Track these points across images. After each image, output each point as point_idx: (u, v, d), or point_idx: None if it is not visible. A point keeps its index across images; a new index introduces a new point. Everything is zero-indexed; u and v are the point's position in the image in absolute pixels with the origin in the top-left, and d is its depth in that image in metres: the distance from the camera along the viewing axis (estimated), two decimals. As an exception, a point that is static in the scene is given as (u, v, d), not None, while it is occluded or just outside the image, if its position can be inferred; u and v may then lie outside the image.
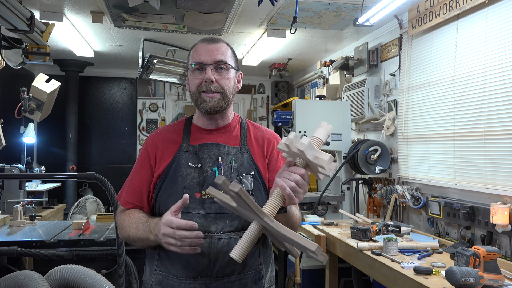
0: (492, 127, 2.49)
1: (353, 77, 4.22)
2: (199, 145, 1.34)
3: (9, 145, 4.02)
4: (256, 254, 1.33)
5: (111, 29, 3.95)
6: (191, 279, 1.24)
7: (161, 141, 1.37)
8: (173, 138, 1.37)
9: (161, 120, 6.25)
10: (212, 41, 1.34)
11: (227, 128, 1.39)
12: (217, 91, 1.30)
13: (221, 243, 1.25)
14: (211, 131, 1.38)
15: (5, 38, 2.82)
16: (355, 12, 3.34)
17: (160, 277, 1.28)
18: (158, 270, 1.29)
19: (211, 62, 1.30)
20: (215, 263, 1.24)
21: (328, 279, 3.03)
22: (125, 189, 1.37)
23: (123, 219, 1.33)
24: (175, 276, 1.26)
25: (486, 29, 2.55)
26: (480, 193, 2.56)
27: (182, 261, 1.25)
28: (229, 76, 1.33)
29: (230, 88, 1.33)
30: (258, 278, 1.32)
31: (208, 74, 1.29)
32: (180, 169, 1.30)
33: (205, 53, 1.31)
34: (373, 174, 3.51)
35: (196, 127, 1.39)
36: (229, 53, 1.35)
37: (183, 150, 1.33)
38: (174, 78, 4.70)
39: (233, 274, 1.27)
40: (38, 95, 3.52)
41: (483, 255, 1.76)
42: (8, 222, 2.98)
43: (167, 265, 1.28)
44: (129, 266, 2.37)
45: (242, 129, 1.41)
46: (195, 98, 1.33)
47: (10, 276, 1.80)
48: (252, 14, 3.49)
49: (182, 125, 1.41)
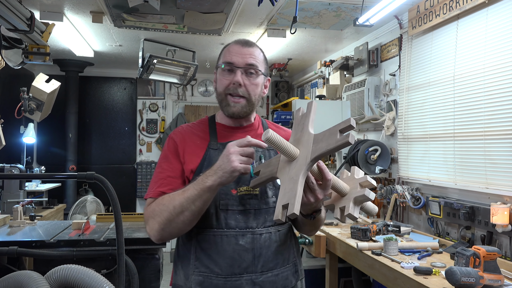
0: (492, 127, 2.49)
1: (353, 77, 4.22)
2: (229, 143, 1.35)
3: (9, 145, 4.02)
4: (291, 247, 1.37)
5: (111, 29, 3.95)
6: (237, 276, 1.24)
7: (188, 137, 1.37)
8: (199, 135, 1.38)
9: (161, 120, 6.25)
10: (246, 44, 1.35)
11: (252, 127, 1.43)
12: (243, 95, 1.32)
13: (263, 237, 1.28)
14: (237, 129, 1.40)
15: (5, 38, 2.81)
16: (355, 12, 3.34)
17: (201, 278, 1.25)
18: (197, 271, 1.26)
19: (242, 65, 1.31)
20: (259, 258, 1.26)
21: (328, 279, 3.03)
22: (157, 183, 1.30)
23: (159, 201, 1.24)
24: (219, 275, 1.24)
25: (486, 29, 2.55)
26: (480, 193, 2.56)
27: (226, 259, 1.24)
28: (257, 81, 1.34)
29: (256, 94, 1.35)
30: (295, 270, 1.36)
31: (237, 77, 1.30)
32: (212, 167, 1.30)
33: (238, 55, 1.32)
34: (373, 174, 3.51)
35: (221, 125, 1.41)
36: (261, 58, 1.36)
37: (212, 147, 1.34)
38: (174, 78, 4.69)
39: (276, 268, 1.29)
40: (38, 95, 3.51)
41: (483, 255, 1.76)
42: (8, 222, 2.98)
43: (207, 264, 1.25)
44: (129, 266, 2.37)
45: (264, 128, 1.45)
46: (221, 99, 1.34)
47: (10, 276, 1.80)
48: (252, 14, 3.49)
49: (206, 124, 1.42)
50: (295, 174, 1.08)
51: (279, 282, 1.29)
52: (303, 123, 1.15)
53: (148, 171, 6.13)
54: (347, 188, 1.14)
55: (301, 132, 1.14)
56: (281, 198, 1.08)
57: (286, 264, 1.33)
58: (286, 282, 1.31)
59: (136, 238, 2.50)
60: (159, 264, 2.57)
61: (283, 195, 1.08)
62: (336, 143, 1.01)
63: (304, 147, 1.10)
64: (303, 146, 1.10)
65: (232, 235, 1.26)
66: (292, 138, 1.17)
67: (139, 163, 6.14)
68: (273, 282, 1.27)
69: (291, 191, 1.06)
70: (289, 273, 1.33)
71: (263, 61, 1.38)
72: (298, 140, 1.14)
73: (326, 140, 1.04)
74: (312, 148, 1.06)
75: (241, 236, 1.26)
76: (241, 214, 1.27)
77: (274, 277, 1.28)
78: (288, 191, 1.07)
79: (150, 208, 1.26)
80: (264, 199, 1.31)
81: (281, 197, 1.09)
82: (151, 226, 1.24)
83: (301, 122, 1.16)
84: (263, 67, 1.37)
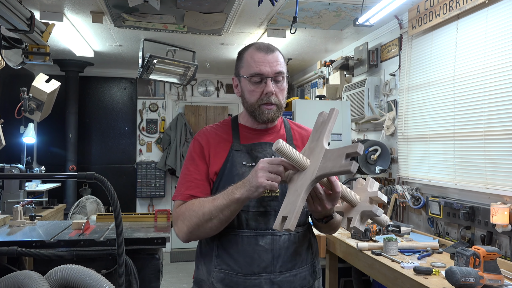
0: (492, 127, 2.49)
1: (353, 77, 4.22)
2: (252, 145, 1.38)
3: (9, 145, 4.02)
4: (309, 248, 1.40)
5: (111, 29, 3.95)
6: (256, 275, 1.28)
7: (212, 138, 1.40)
8: (223, 137, 1.40)
9: (161, 120, 6.25)
10: (269, 51, 1.36)
11: (274, 129, 1.45)
12: (274, 103, 1.34)
13: (283, 239, 1.31)
14: (260, 131, 1.43)
15: (5, 38, 2.81)
16: (355, 12, 3.34)
17: (222, 275, 1.30)
18: (219, 268, 1.30)
19: (272, 75, 1.33)
20: (278, 259, 1.30)
21: (328, 279, 3.03)
22: (184, 186, 1.35)
23: (189, 206, 1.28)
24: (239, 273, 1.28)
25: (486, 29, 2.55)
26: (480, 193, 2.56)
27: (246, 258, 1.28)
28: (284, 86, 1.38)
29: (284, 98, 1.39)
30: (313, 270, 1.39)
31: (269, 88, 1.32)
32: (235, 168, 1.33)
33: (265, 64, 1.33)
34: (373, 174, 3.51)
35: (244, 127, 1.43)
36: (283, 61, 1.39)
37: (235, 149, 1.37)
38: (174, 78, 4.69)
39: (294, 268, 1.33)
40: (38, 95, 3.51)
41: (483, 255, 1.76)
42: (8, 222, 2.98)
43: (228, 262, 1.30)
44: (129, 266, 2.37)
45: (286, 128, 1.48)
46: (253, 109, 1.36)
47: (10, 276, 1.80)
48: (252, 14, 3.49)
49: (229, 125, 1.44)
50: (300, 186, 1.09)
51: (297, 282, 1.32)
52: (321, 131, 1.16)
53: (148, 171, 6.13)
54: (357, 199, 1.14)
55: (317, 141, 1.15)
56: (283, 208, 1.10)
57: (304, 264, 1.36)
58: (304, 282, 1.35)
59: (136, 238, 2.50)
60: (159, 264, 2.56)
61: (285, 206, 1.10)
62: (339, 168, 1.03)
63: (314, 160, 1.11)
64: (314, 158, 1.11)
65: (253, 236, 1.30)
66: (308, 145, 1.18)
67: (139, 163, 6.14)
68: (291, 282, 1.31)
69: (292, 205, 1.07)
70: (307, 273, 1.36)
71: (285, 64, 1.40)
72: (312, 149, 1.14)
73: (333, 161, 1.05)
74: (320, 164, 1.07)
75: (261, 237, 1.29)
76: (262, 215, 1.30)
77: (292, 277, 1.31)
78: (290, 203, 1.08)
79: (180, 211, 1.31)
80: None
81: (283, 207, 1.10)
82: (180, 228, 1.30)
83: (320, 129, 1.17)
84: (285, 69, 1.40)
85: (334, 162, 1.04)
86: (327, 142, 1.13)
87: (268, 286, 1.28)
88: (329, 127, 1.14)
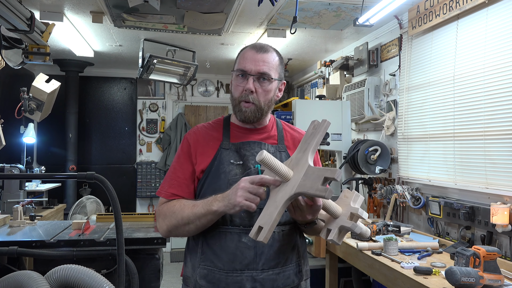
0: (492, 127, 2.49)
1: (353, 77, 4.22)
2: (240, 143, 1.38)
3: (9, 145, 4.02)
4: (295, 247, 1.39)
5: (111, 29, 3.95)
6: (238, 272, 1.28)
7: (202, 137, 1.41)
8: (213, 135, 1.42)
9: (161, 120, 6.25)
10: (261, 50, 1.36)
11: (265, 129, 1.45)
12: (253, 102, 1.34)
13: None
14: (250, 130, 1.43)
15: (5, 38, 2.81)
16: (355, 12, 3.34)
17: (205, 271, 1.31)
18: (203, 264, 1.32)
19: (254, 73, 1.33)
20: (260, 256, 1.29)
21: (328, 279, 3.03)
22: (167, 183, 1.39)
23: (172, 206, 1.34)
24: (221, 269, 1.29)
25: (486, 29, 2.55)
26: (480, 193, 2.56)
27: (228, 255, 1.29)
28: (269, 88, 1.36)
29: (267, 100, 1.37)
30: (298, 270, 1.38)
31: (248, 85, 1.33)
32: (222, 166, 1.34)
33: (251, 62, 1.34)
34: (373, 174, 3.51)
35: (235, 125, 1.44)
36: (275, 63, 1.37)
37: (224, 147, 1.38)
38: (174, 78, 4.70)
39: (277, 267, 1.32)
40: (38, 95, 3.51)
41: (483, 255, 1.76)
42: (8, 222, 2.98)
43: (212, 259, 1.31)
44: (129, 266, 2.37)
45: (278, 129, 1.47)
46: (234, 104, 1.38)
47: (10, 276, 1.80)
48: (252, 14, 3.49)
49: (221, 123, 1.46)
50: (279, 199, 1.09)
51: (280, 280, 1.31)
52: (308, 143, 1.15)
53: (148, 171, 6.13)
54: (339, 212, 1.15)
55: (303, 153, 1.14)
56: (261, 217, 1.11)
57: (289, 263, 1.35)
58: (288, 281, 1.34)
59: (136, 238, 2.50)
60: (159, 264, 2.57)
61: (263, 215, 1.11)
62: (315, 191, 1.03)
63: (296, 174, 1.11)
64: (297, 172, 1.11)
65: (236, 232, 1.30)
66: (295, 154, 1.18)
67: (139, 163, 6.14)
68: (274, 280, 1.30)
69: (269, 216, 1.08)
70: (291, 273, 1.35)
71: (278, 66, 1.39)
72: (297, 161, 1.14)
73: (312, 181, 1.05)
74: (301, 181, 1.07)
75: (245, 234, 1.29)
76: (246, 212, 1.29)
77: (275, 276, 1.31)
78: (268, 214, 1.09)
79: (162, 209, 1.37)
80: None
81: (261, 216, 1.11)
82: (160, 225, 1.37)
83: (308, 141, 1.17)
84: (277, 72, 1.38)
85: (312, 182, 1.05)
86: (312, 157, 1.13)
87: (250, 284, 1.28)
88: (317, 140, 1.14)
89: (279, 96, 1.44)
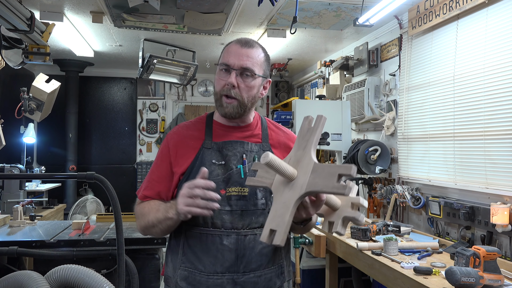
0: (492, 127, 2.49)
1: (353, 77, 4.22)
2: (222, 143, 1.34)
3: (9, 145, 4.02)
4: (278, 249, 1.36)
5: (111, 29, 3.95)
6: (219, 275, 1.26)
7: (183, 138, 1.37)
8: (195, 135, 1.37)
9: (161, 120, 6.25)
10: (246, 45, 1.32)
11: (249, 127, 1.40)
12: (235, 97, 1.30)
13: (248, 239, 1.28)
14: (233, 128, 1.39)
15: (5, 38, 2.82)
16: (355, 12, 3.34)
17: (186, 273, 1.29)
18: (183, 266, 1.30)
19: (237, 68, 1.29)
20: (242, 259, 1.27)
21: (328, 279, 3.03)
22: (144, 185, 1.40)
23: (142, 208, 1.36)
24: (202, 272, 1.27)
25: (486, 29, 2.55)
26: (480, 193, 2.56)
27: (209, 257, 1.27)
28: (252, 84, 1.31)
29: (250, 96, 1.32)
30: (281, 272, 1.36)
31: (231, 79, 1.28)
32: (204, 166, 1.28)
33: (235, 56, 1.30)
34: (373, 174, 3.51)
35: (218, 124, 1.40)
36: (259, 60, 1.33)
37: (206, 147, 1.34)
38: (174, 78, 4.70)
39: (259, 269, 1.29)
40: (38, 95, 3.51)
41: (483, 255, 1.76)
42: (8, 222, 2.98)
43: (193, 261, 1.29)
44: (129, 266, 2.37)
45: (262, 127, 1.43)
46: (216, 98, 1.34)
47: (10, 276, 1.80)
48: (252, 14, 3.49)
49: (204, 122, 1.41)
50: (288, 199, 1.07)
51: (261, 283, 1.29)
52: (307, 139, 1.12)
53: (148, 171, 6.13)
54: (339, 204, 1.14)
55: (303, 151, 1.11)
56: (271, 220, 1.08)
57: (270, 265, 1.32)
58: (270, 283, 1.31)
59: (136, 238, 2.50)
60: (159, 264, 2.56)
61: (273, 218, 1.08)
62: (332, 189, 1.01)
63: (302, 173, 1.08)
64: (302, 170, 1.08)
65: (217, 235, 1.27)
66: (293, 152, 1.14)
67: (139, 163, 6.15)
68: (255, 283, 1.28)
69: (281, 218, 1.06)
70: (273, 275, 1.33)
71: (263, 63, 1.34)
72: (298, 159, 1.11)
73: (324, 178, 1.02)
74: (309, 179, 1.05)
75: (226, 236, 1.27)
76: (228, 214, 1.27)
77: (256, 278, 1.28)
78: (279, 216, 1.07)
79: (136, 210, 1.40)
80: (253, 200, 1.30)
81: (271, 219, 1.08)
82: (136, 224, 1.40)
83: (306, 138, 1.13)
84: (262, 69, 1.34)
85: (325, 180, 1.02)
86: (314, 154, 1.10)
87: (231, 286, 1.26)
88: (317, 136, 1.11)
89: (264, 94, 1.39)
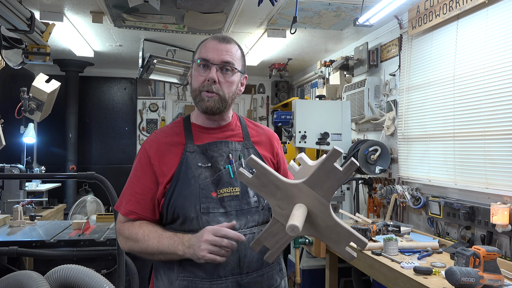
0: (492, 127, 2.49)
1: (353, 77, 4.22)
2: (206, 144, 1.32)
3: (9, 145, 4.02)
4: None
5: (111, 29, 3.95)
6: (222, 279, 1.23)
7: (162, 145, 1.31)
8: (174, 140, 1.32)
9: (161, 120, 6.25)
10: (223, 40, 1.31)
11: (228, 126, 1.38)
12: (217, 92, 1.28)
13: (247, 238, 1.25)
14: (213, 129, 1.36)
15: (5, 38, 2.82)
16: (355, 12, 3.34)
17: (185, 283, 1.23)
18: (182, 276, 1.24)
19: (218, 62, 1.28)
20: (244, 259, 1.25)
21: (328, 279, 3.03)
22: (125, 198, 1.30)
23: (132, 232, 1.26)
24: (204, 278, 1.22)
25: (486, 29, 2.55)
26: (480, 193, 2.56)
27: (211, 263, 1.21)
28: (232, 79, 1.30)
29: (230, 92, 1.31)
30: (279, 269, 1.36)
31: (211, 74, 1.26)
32: (190, 170, 1.26)
33: (214, 51, 1.28)
34: (373, 174, 3.51)
35: (197, 126, 1.36)
36: (238, 55, 1.33)
37: (189, 150, 1.29)
38: (174, 78, 4.70)
39: (261, 268, 1.29)
40: (38, 95, 3.51)
41: (483, 255, 1.76)
42: (8, 222, 2.98)
43: (191, 269, 1.23)
44: (129, 266, 2.37)
45: (242, 125, 1.42)
46: (195, 95, 1.30)
47: (10, 276, 1.80)
48: (252, 14, 3.49)
49: (181, 126, 1.36)
50: (287, 235, 1.07)
51: (264, 282, 1.28)
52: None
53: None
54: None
55: (324, 198, 1.06)
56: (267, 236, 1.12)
57: (271, 263, 1.32)
58: (272, 281, 1.31)
59: (136, 238, 2.50)
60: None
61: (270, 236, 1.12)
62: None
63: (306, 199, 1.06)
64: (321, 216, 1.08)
65: None
66: (311, 182, 1.07)
67: (139, 163, 6.14)
68: (259, 283, 1.27)
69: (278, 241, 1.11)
70: (274, 272, 1.32)
71: (240, 58, 1.34)
72: (316, 202, 1.07)
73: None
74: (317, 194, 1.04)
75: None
76: (223, 216, 1.25)
77: (259, 278, 1.27)
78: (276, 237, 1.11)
79: (123, 230, 1.29)
80: (245, 199, 1.29)
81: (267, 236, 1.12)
82: (121, 244, 1.30)
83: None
84: (240, 65, 1.33)
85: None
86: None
87: None
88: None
89: (242, 91, 1.38)
